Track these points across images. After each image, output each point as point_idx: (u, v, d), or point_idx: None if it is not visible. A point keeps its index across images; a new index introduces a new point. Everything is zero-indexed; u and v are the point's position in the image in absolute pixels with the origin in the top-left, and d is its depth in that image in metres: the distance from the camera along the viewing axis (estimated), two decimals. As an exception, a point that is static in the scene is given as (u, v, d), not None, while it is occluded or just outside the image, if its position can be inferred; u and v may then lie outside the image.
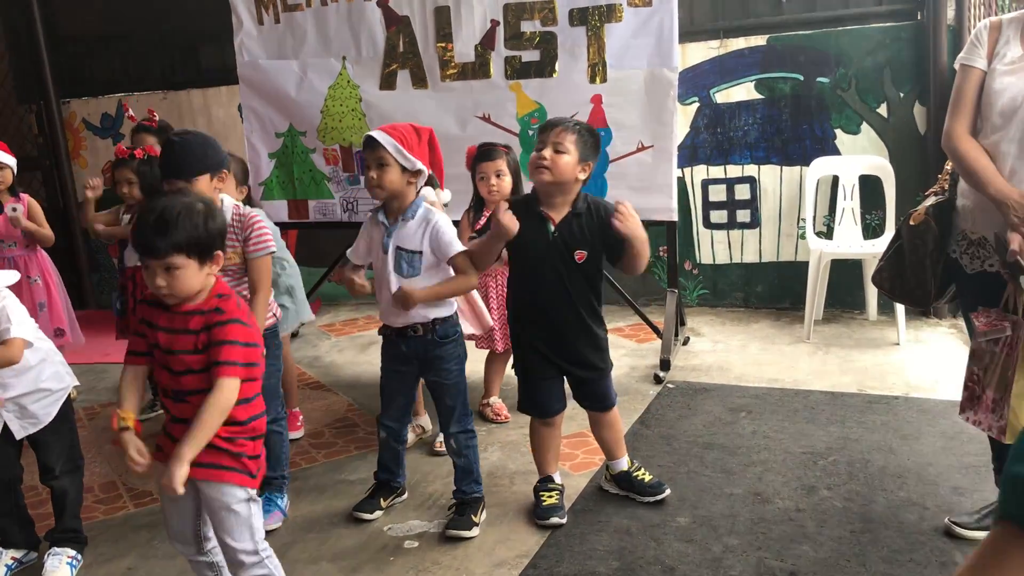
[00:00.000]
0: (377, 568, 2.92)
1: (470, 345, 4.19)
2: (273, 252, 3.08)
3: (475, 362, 4.18)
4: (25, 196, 4.32)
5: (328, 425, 4.18)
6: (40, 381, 2.87)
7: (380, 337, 3.17)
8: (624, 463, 3.26)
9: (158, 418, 4.39)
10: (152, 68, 6.50)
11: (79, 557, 3.05)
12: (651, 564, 2.81)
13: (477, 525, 3.10)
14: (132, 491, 3.63)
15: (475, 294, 3.76)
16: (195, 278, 2.23)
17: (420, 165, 2.94)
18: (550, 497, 3.18)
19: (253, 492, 2.36)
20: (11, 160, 4.26)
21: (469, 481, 3.18)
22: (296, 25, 5.04)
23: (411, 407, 3.28)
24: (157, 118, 4.50)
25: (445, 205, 3.29)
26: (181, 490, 2.12)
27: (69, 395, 3.03)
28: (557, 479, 3.24)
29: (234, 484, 2.30)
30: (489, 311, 3.89)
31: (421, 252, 2.96)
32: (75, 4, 6.57)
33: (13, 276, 2.79)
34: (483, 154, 3.86)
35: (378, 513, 3.25)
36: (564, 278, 2.98)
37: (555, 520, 3.10)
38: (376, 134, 2.91)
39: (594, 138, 3.02)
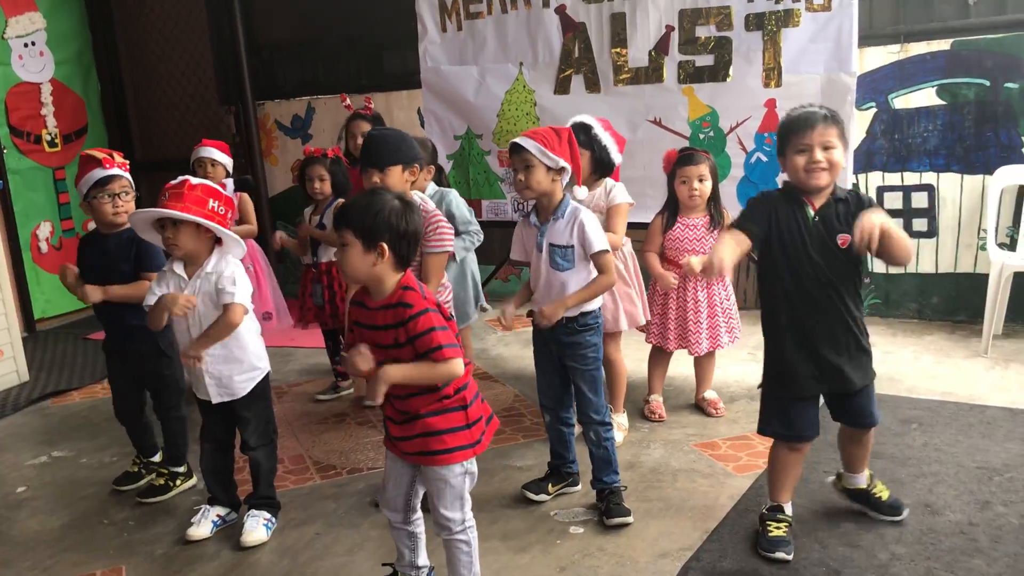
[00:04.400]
0: (545, 550, 3.06)
1: (637, 340, 4.32)
2: (450, 251, 3.31)
3: (640, 361, 4.31)
4: (238, 194, 4.70)
5: (496, 414, 4.34)
6: (244, 355, 3.18)
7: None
8: (863, 480, 3.12)
9: (340, 399, 4.73)
10: (339, 72, 6.92)
11: (274, 520, 3.34)
12: (816, 566, 2.83)
13: (630, 510, 3.21)
14: (318, 464, 3.92)
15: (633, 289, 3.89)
16: (358, 259, 2.42)
17: (563, 163, 3.09)
18: (778, 528, 2.96)
19: (470, 465, 2.56)
20: (224, 158, 4.71)
21: (609, 472, 3.28)
22: (477, 32, 5.28)
23: (569, 389, 3.35)
24: (373, 107, 4.82)
25: (581, 200, 3.35)
26: (379, 400, 2.39)
27: (267, 376, 3.33)
28: (788, 510, 3.01)
29: (457, 463, 2.51)
30: (667, 307, 4.02)
31: (572, 246, 3.12)
32: (271, 14, 7.07)
33: (242, 250, 3.17)
34: (686, 158, 3.94)
35: (544, 496, 3.40)
36: (825, 267, 2.79)
37: (782, 555, 2.86)
38: (520, 140, 3.10)
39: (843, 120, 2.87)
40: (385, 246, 2.41)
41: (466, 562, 2.62)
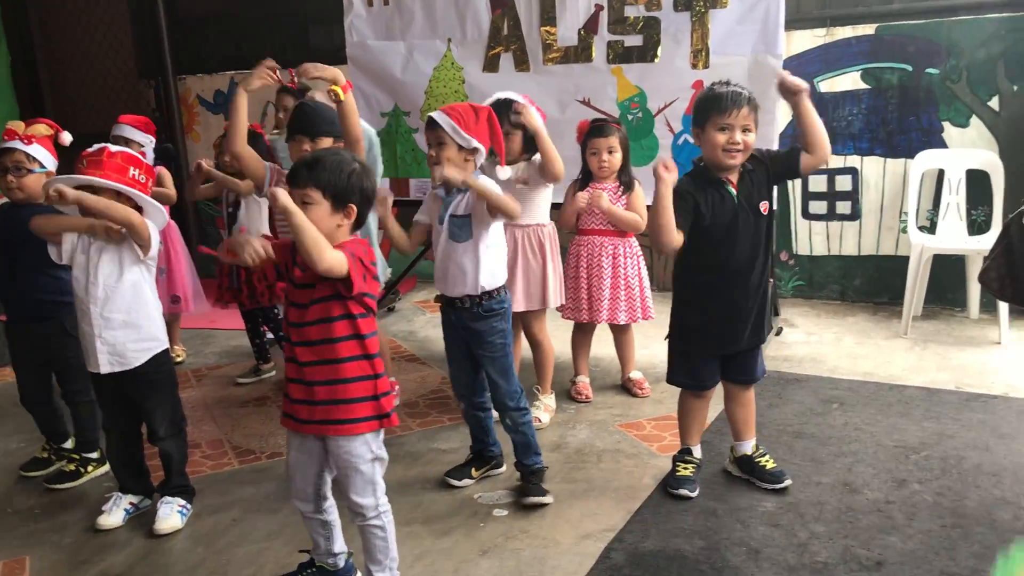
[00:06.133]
0: (467, 533, 3.02)
1: (563, 321, 4.29)
2: None
3: (567, 342, 4.29)
4: (158, 168, 4.54)
5: (422, 396, 4.31)
6: (142, 320, 3.04)
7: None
8: (749, 447, 3.28)
9: (262, 382, 4.63)
10: (263, 47, 6.70)
11: (188, 507, 3.24)
12: (736, 545, 2.84)
13: (549, 492, 3.19)
14: (237, 448, 3.82)
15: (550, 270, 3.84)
16: (324, 220, 2.35)
17: (475, 143, 2.99)
18: (685, 468, 3.24)
19: (380, 452, 2.51)
20: (140, 136, 4.53)
21: (530, 454, 3.24)
22: (404, 7, 5.16)
23: (480, 375, 3.27)
24: (298, 81, 4.68)
25: (503, 181, 3.23)
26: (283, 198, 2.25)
27: (172, 359, 3.21)
28: (696, 452, 3.28)
29: (367, 433, 2.45)
30: (579, 279, 3.99)
31: (469, 215, 3.03)
32: (194, -15, 6.86)
33: (164, 218, 3.10)
34: (596, 130, 3.95)
35: (467, 481, 3.36)
36: (751, 236, 2.98)
37: (685, 492, 3.15)
38: (435, 115, 3.00)
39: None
40: (354, 208, 2.39)
41: (382, 547, 2.56)
